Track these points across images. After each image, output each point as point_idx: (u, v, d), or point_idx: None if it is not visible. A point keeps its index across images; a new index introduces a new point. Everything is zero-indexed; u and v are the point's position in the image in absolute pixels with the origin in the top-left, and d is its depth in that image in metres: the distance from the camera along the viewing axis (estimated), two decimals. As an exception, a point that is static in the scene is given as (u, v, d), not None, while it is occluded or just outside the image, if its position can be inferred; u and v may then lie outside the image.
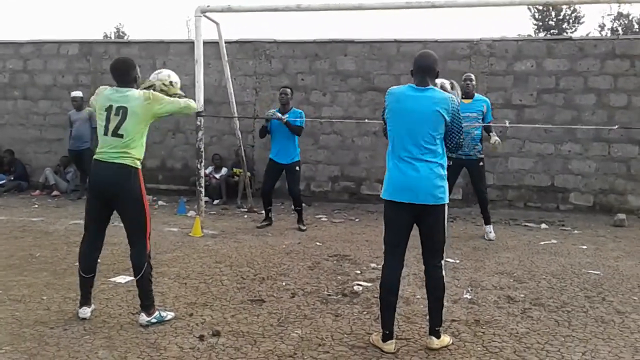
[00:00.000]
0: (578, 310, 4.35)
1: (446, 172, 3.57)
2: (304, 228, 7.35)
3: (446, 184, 3.54)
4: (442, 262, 3.59)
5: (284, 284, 4.90)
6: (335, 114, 9.85)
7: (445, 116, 3.46)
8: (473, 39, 9.51)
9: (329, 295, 4.62)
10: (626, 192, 9.08)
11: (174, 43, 10.65)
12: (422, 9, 6.63)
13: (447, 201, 3.54)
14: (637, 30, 37.12)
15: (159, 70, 4.54)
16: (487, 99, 7.06)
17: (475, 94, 6.93)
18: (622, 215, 8.31)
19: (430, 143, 3.46)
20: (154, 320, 3.84)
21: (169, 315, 3.97)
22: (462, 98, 6.77)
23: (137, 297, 3.94)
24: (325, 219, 8.29)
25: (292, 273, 5.25)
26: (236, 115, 8.73)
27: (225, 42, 8.52)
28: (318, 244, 6.57)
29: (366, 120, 8.75)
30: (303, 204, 7.64)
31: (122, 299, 4.37)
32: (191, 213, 8.39)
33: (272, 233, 7.14)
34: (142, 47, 10.61)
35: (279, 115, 7.15)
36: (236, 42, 10.13)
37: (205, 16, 7.75)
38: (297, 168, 7.39)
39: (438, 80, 4.06)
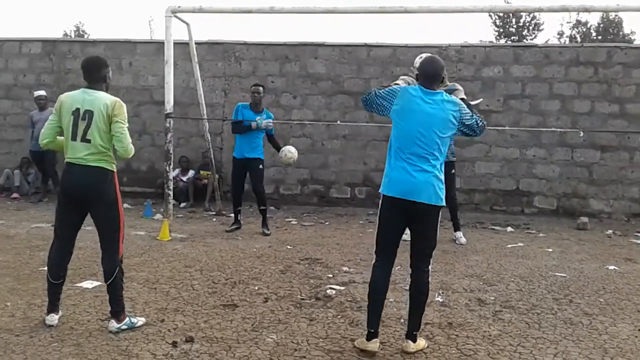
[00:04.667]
0: (547, 312, 4.43)
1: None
2: (268, 232, 7.25)
3: (444, 189, 3.56)
4: (430, 267, 3.61)
5: (256, 288, 4.85)
6: (305, 117, 9.83)
7: (455, 122, 3.50)
8: (442, 44, 9.64)
9: (303, 299, 4.59)
10: (588, 196, 9.34)
11: (141, 43, 10.48)
12: (395, 14, 6.67)
13: (444, 204, 3.55)
14: (595, 37, 38.24)
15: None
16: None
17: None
18: (584, 219, 8.53)
19: (436, 146, 3.48)
20: (124, 327, 3.74)
21: (140, 321, 3.87)
22: None
23: (105, 302, 3.84)
24: (295, 222, 8.26)
25: (264, 277, 5.20)
26: (205, 117, 8.63)
27: (195, 43, 8.42)
28: (289, 247, 6.53)
29: (338, 122, 8.76)
30: (272, 207, 7.58)
31: (90, 305, 4.25)
32: (158, 216, 8.25)
33: (242, 237, 7.06)
34: (108, 46, 10.39)
35: (268, 123, 7.10)
36: (205, 43, 10.02)
37: (176, 16, 7.64)
38: (261, 166, 7.28)
39: (403, 77, 4.05)
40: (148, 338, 3.68)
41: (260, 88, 7.31)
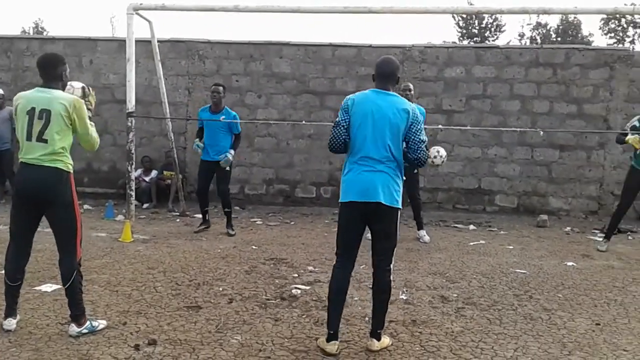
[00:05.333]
0: (508, 309, 4.52)
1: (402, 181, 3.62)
2: (233, 233, 7.21)
3: (401, 190, 3.58)
4: (391, 265, 3.64)
5: (220, 289, 4.81)
6: (270, 116, 9.80)
7: (405, 122, 3.50)
8: (406, 45, 9.73)
9: (268, 299, 4.58)
10: (548, 194, 9.57)
11: (102, 40, 10.27)
12: (360, 14, 6.71)
13: (401, 207, 3.58)
14: (555, 39, 39.25)
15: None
16: (423, 109, 7.10)
17: (414, 104, 7.00)
18: (544, 216, 8.75)
19: (391, 147, 3.49)
20: (85, 331, 3.66)
21: (101, 324, 3.79)
22: None
23: (65, 306, 3.74)
24: (260, 222, 8.22)
25: (228, 278, 5.16)
26: (168, 116, 8.51)
27: (158, 41, 8.30)
28: (254, 247, 6.50)
29: (303, 122, 8.76)
30: (237, 207, 7.52)
31: (49, 309, 4.15)
32: (120, 217, 8.11)
33: (207, 237, 7.00)
34: (68, 43, 10.15)
35: (230, 159, 7.02)
36: (168, 41, 9.89)
37: (138, 14, 7.51)
38: (228, 168, 7.21)
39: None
40: (109, 341, 3.61)
41: (220, 88, 7.20)
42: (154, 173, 9.64)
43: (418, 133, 3.54)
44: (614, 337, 3.96)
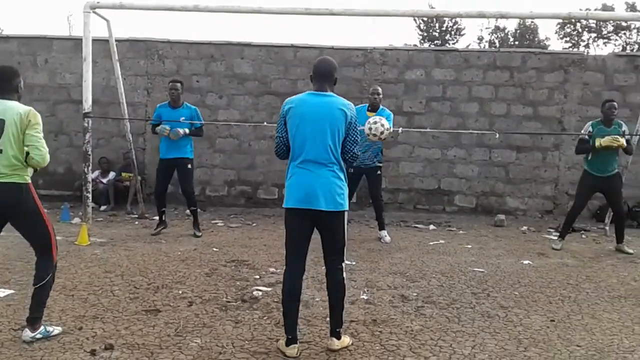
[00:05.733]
0: (466, 307, 4.60)
1: (347, 179, 3.62)
2: (199, 234, 7.16)
3: (346, 190, 3.57)
4: (343, 264, 3.65)
5: (180, 292, 4.74)
6: (231, 117, 9.73)
7: (348, 115, 3.48)
8: (367, 47, 9.81)
9: (228, 301, 4.54)
10: (505, 194, 9.79)
11: (58, 39, 10.01)
12: (320, 15, 6.73)
13: (347, 208, 3.58)
14: (513, 43, 40.20)
15: None
16: (390, 112, 7.15)
17: (380, 106, 7.10)
18: (501, 216, 8.94)
19: (332, 148, 3.47)
20: (39, 336, 3.56)
21: (56, 330, 3.70)
22: (368, 110, 6.97)
23: (18, 311, 3.66)
24: (222, 224, 8.15)
25: (188, 281, 5.10)
26: (127, 116, 8.36)
27: (116, 40, 8.14)
28: (215, 249, 6.44)
29: (265, 124, 8.72)
30: (198, 209, 7.43)
31: (2, 314, 4.01)
32: (76, 220, 7.92)
33: (166, 240, 6.89)
34: (22, 42, 9.87)
35: (179, 131, 6.86)
36: (127, 40, 9.73)
37: (95, 12, 7.35)
38: (189, 165, 7.12)
39: None
40: (65, 347, 3.51)
41: (178, 84, 7.10)
42: (111, 175, 9.46)
43: (355, 132, 3.55)
44: (568, 333, 4.08)
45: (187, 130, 6.95)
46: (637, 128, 7.39)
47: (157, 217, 7.33)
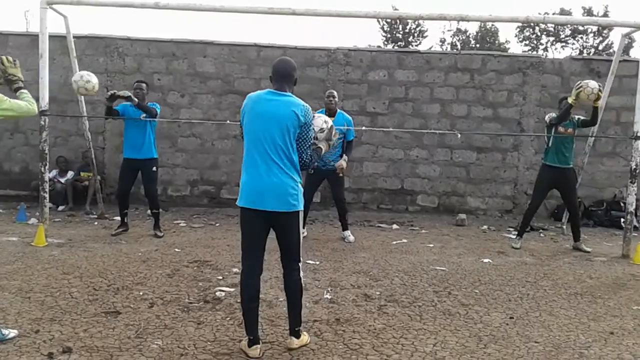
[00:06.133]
0: (428, 305, 4.66)
1: (301, 179, 3.60)
2: (161, 234, 7.06)
3: (300, 190, 3.55)
4: (300, 264, 3.64)
5: (141, 293, 4.66)
6: (194, 116, 9.61)
7: (301, 118, 3.45)
8: (330, 47, 9.83)
9: (190, 302, 4.48)
10: (466, 194, 9.95)
11: (13, 35, 9.70)
12: (283, 15, 6.71)
13: (300, 208, 3.55)
14: (474, 45, 40.95)
15: None
16: (349, 118, 7.17)
17: (338, 110, 7.12)
18: (462, 215, 9.10)
19: (283, 148, 3.44)
20: (-7, 340, 3.45)
21: (12, 333, 3.59)
22: (325, 115, 6.96)
23: (-30, 315, 3.51)
24: (184, 225, 8.04)
25: (149, 282, 5.01)
26: (85, 114, 8.16)
27: (74, 37, 7.94)
28: (177, 250, 6.35)
29: (228, 122, 8.64)
30: (160, 209, 7.32)
31: (-48, 319, 3.87)
32: (33, 220, 7.70)
33: (127, 240, 6.76)
34: (-26, 37, 9.53)
35: (131, 96, 6.64)
36: (85, 37, 9.51)
37: (52, 8, 7.14)
38: (154, 168, 7.03)
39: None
40: (21, 350, 3.41)
41: (143, 85, 7.04)
42: (70, 174, 9.22)
43: (308, 135, 3.53)
44: (526, 329, 4.17)
45: (136, 100, 6.72)
46: (593, 130, 7.61)
47: (117, 218, 7.20)
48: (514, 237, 7.55)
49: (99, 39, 9.66)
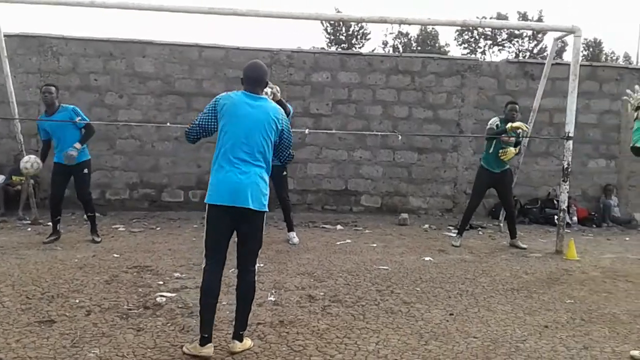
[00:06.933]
0: (371, 304, 4.71)
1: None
2: (99, 240, 6.84)
3: (268, 193, 3.62)
4: (256, 267, 3.64)
5: (77, 301, 4.49)
6: (133, 118, 9.38)
7: (279, 125, 3.61)
8: (273, 48, 9.80)
9: (130, 309, 4.36)
10: (408, 194, 10.13)
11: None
12: (224, 15, 6.63)
13: (267, 210, 3.62)
14: (415, 48, 41.80)
15: None
16: (291, 108, 7.21)
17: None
18: (405, 215, 9.26)
19: (263, 150, 3.55)
20: None
21: None
22: None
23: None
24: (123, 229, 7.82)
25: (86, 289, 4.84)
26: (17, 116, 7.81)
27: (5, 36, 7.59)
28: (115, 255, 6.16)
29: (168, 124, 8.47)
30: (98, 214, 7.10)
31: None
32: (-39, 227, 7.32)
33: (62, 246, 6.52)
34: None
35: (73, 154, 6.47)
36: (17, 35, 9.11)
37: (-22, 4, 6.81)
38: (86, 170, 6.77)
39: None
40: (-56, 366, 3.23)
41: (52, 88, 6.65)
42: (1, 178, 8.81)
43: (289, 135, 3.73)
44: (466, 325, 4.28)
45: (78, 145, 6.54)
46: (527, 131, 7.90)
47: (51, 223, 6.90)
48: (454, 235, 7.75)
49: (32, 38, 9.29)
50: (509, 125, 7.02)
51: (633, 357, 3.74)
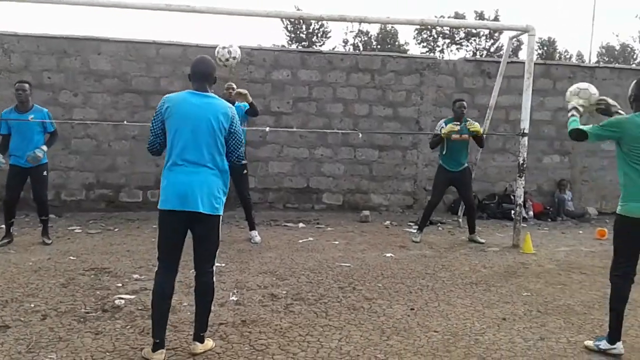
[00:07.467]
0: (333, 301, 4.73)
1: (228, 184, 3.58)
2: (49, 242, 6.66)
3: (224, 196, 3.53)
4: (214, 267, 3.58)
5: (32, 305, 4.37)
6: (88, 116, 9.15)
7: (225, 123, 3.47)
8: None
9: (87, 312, 4.26)
10: (369, 191, 10.20)
11: None
12: (182, 12, 6.54)
13: (221, 213, 3.53)
14: (375, 46, 42.12)
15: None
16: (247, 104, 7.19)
17: (237, 102, 7.07)
18: (366, 212, 9.33)
19: (213, 151, 3.43)
20: None
21: None
22: None
23: None
24: (80, 231, 7.63)
25: (42, 293, 4.71)
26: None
27: (-50, 30, 7.31)
28: (72, 258, 6.01)
29: (125, 122, 8.30)
30: (53, 215, 6.91)
31: None
32: None
33: (16, 249, 6.32)
34: None
35: (39, 155, 6.37)
36: (-36, 31, 8.77)
37: None
38: (45, 173, 6.63)
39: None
40: None
41: (26, 85, 6.55)
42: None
43: (238, 134, 3.57)
44: (426, 320, 4.34)
45: (45, 148, 6.50)
46: (485, 127, 8.06)
47: (3, 226, 6.68)
48: (415, 231, 7.84)
49: (-19, 34, 8.95)
50: (442, 132, 7.17)
51: (587, 347, 3.87)
